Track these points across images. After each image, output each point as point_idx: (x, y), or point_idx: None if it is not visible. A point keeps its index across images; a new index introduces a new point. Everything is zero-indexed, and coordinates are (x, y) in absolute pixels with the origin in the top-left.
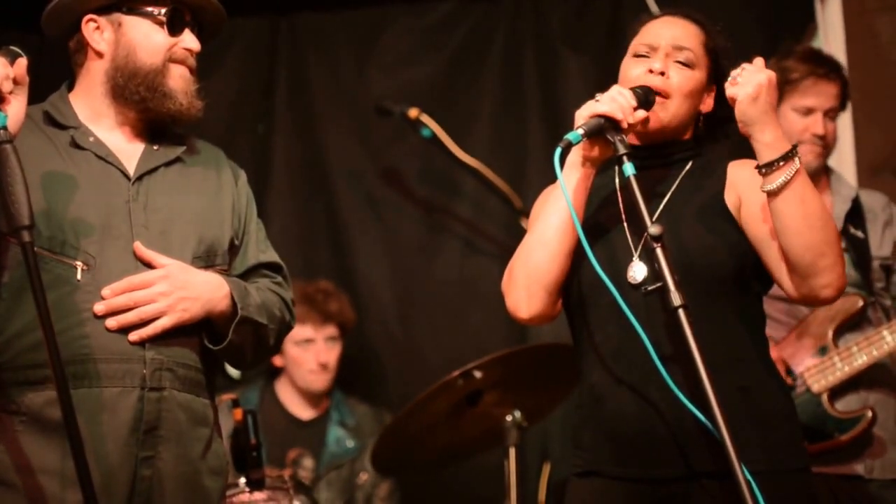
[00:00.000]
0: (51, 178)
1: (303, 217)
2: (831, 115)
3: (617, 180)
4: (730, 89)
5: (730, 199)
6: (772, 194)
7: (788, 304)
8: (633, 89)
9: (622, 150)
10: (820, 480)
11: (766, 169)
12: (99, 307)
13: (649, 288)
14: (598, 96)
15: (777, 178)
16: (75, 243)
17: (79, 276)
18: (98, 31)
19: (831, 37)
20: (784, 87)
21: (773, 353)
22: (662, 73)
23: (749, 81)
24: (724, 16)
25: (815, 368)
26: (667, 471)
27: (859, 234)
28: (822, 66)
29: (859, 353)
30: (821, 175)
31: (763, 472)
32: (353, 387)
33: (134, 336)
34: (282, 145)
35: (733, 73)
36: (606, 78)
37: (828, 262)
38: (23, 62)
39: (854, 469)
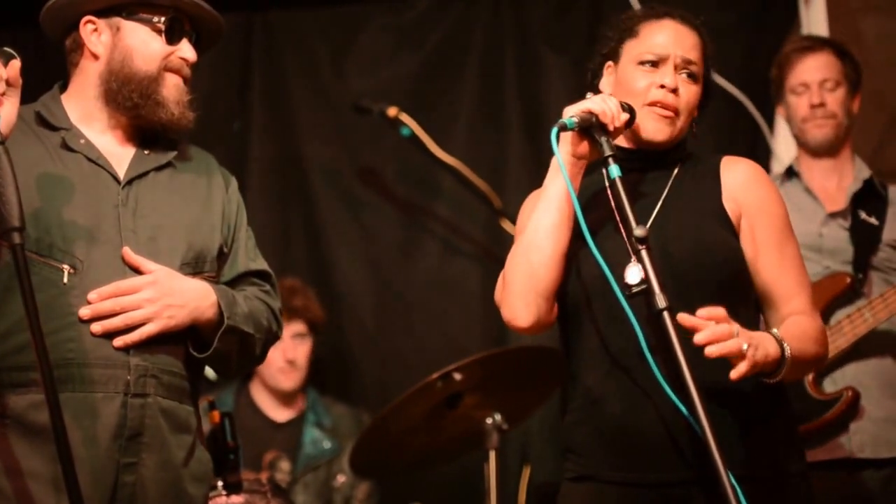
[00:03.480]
0: (40, 180)
1: (279, 216)
2: (827, 85)
3: (609, 193)
4: (751, 358)
5: (729, 206)
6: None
7: None
8: (619, 102)
9: (608, 151)
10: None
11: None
12: (84, 311)
13: (635, 290)
14: (590, 95)
15: (779, 373)
16: (63, 246)
17: (65, 280)
18: (96, 34)
19: None
20: (782, 77)
21: None
22: (674, 90)
23: (758, 344)
24: (708, 16)
25: None
26: (662, 475)
27: (872, 220)
28: (806, 41)
29: (841, 334)
30: (841, 150)
31: (758, 476)
32: (329, 387)
33: (118, 341)
34: (257, 144)
35: (741, 348)
36: (586, 78)
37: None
38: (16, 64)
39: (840, 452)
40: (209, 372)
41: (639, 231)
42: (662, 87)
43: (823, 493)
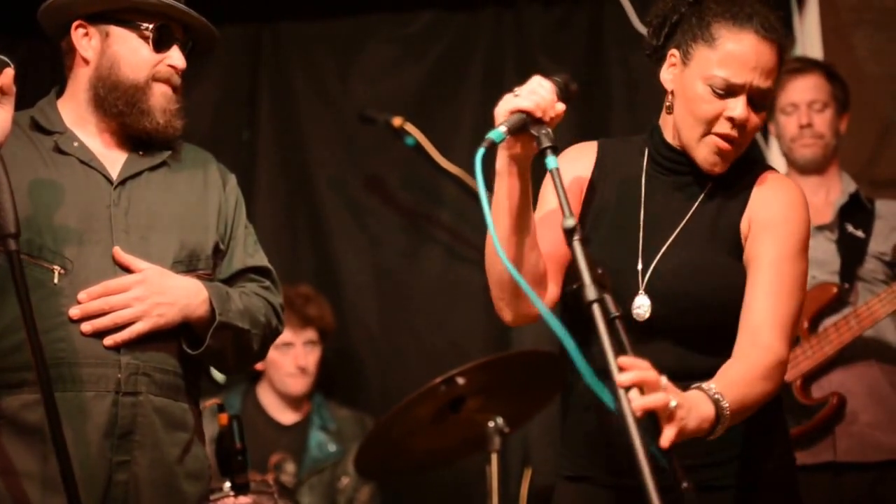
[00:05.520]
0: (32, 183)
1: (286, 224)
2: (815, 106)
3: (643, 189)
4: (680, 422)
5: (744, 226)
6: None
7: None
8: (553, 80)
9: (546, 143)
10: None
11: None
12: (74, 311)
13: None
14: (518, 90)
15: (715, 432)
16: (53, 247)
17: (56, 280)
18: (86, 38)
19: (809, 50)
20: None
21: None
22: (745, 124)
23: (690, 407)
24: None
25: None
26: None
27: (858, 233)
28: (797, 62)
29: (827, 342)
30: (828, 168)
31: (743, 486)
32: (334, 391)
33: (108, 341)
34: (266, 153)
35: (668, 403)
36: (586, 88)
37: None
38: (9, 72)
39: (826, 456)
40: (217, 374)
41: (568, 222)
42: (731, 119)
43: (809, 497)
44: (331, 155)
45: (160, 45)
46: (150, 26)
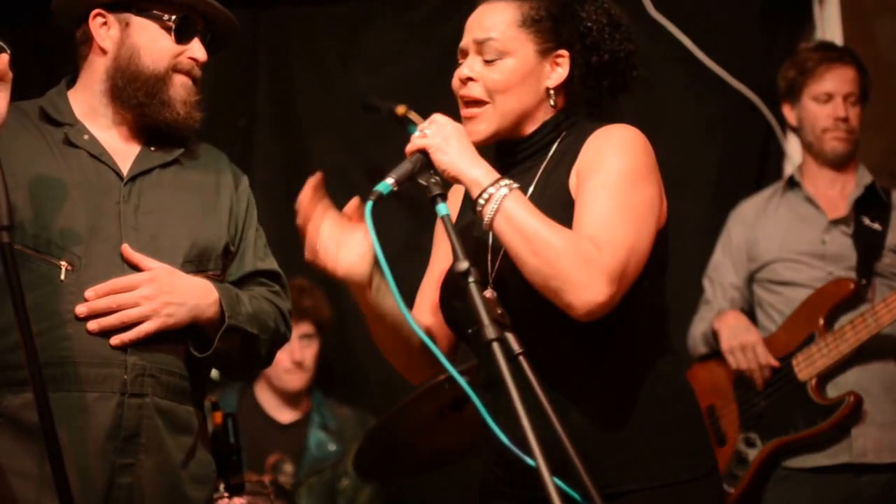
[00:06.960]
0: (40, 176)
1: (285, 214)
2: (851, 99)
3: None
4: (418, 142)
5: (572, 183)
6: (490, 225)
7: (788, 294)
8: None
9: (436, 191)
10: (803, 477)
11: (481, 203)
12: (81, 309)
13: (471, 331)
14: (422, 126)
15: (489, 209)
16: (61, 243)
17: (63, 277)
18: (105, 28)
19: (829, 37)
20: (801, 81)
21: (765, 345)
22: (469, 80)
23: (436, 134)
24: (723, 17)
25: (801, 356)
26: (538, 492)
27: (875, 225)
28: (835, 51)
29: (844, 339)
30: (850, 162)
31: (638, 490)
32: (334, 389)
33: (115, 340)
34: (263, 140)
35: (421, 126)
36: None
37: (558, 285)
38: (5, 57)
39: (843, 457)
40: (212, 372)
41: (459, 266)
42: (461, 80)
43: (825, 498)
44: (331, 144)
45: (182, 37)
46: (173, 17)
